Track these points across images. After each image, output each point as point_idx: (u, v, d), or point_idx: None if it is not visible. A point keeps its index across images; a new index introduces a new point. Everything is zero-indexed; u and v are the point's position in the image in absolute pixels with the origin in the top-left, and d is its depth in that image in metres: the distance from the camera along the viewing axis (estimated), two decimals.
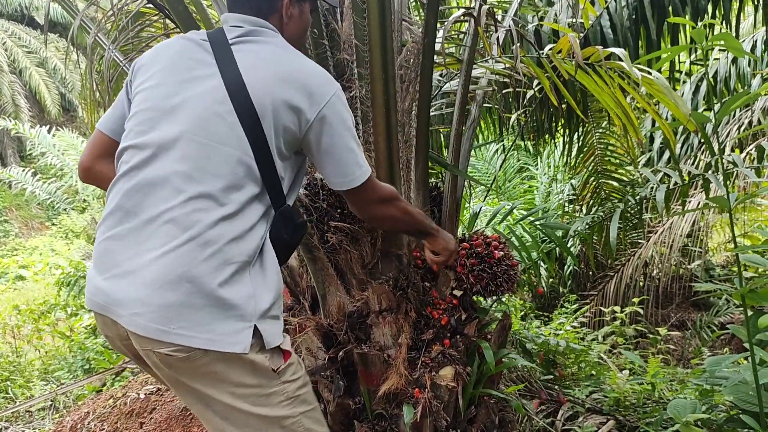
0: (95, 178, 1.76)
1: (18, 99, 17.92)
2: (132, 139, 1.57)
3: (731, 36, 2.12)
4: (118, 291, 1.47)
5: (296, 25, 1.76)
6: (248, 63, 1.57)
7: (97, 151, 1.74)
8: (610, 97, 2.39)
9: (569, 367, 4.02)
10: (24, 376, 5.07)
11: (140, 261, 1.46)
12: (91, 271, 1.56)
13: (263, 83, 1.54)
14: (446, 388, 2.22)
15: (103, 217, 1.57)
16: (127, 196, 1.52)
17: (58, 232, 15.11)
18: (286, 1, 1.70)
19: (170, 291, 1.42)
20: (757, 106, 4.80)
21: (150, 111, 1.58)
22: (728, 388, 2.42)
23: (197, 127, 1.52)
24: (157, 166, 1.52)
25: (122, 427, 2.93)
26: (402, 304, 2.31)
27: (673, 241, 5.40)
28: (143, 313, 1.43)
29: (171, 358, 1.45)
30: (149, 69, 1.64)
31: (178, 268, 1.43)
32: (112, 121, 1.73)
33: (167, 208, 1.47)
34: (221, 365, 1.49)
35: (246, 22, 1.65)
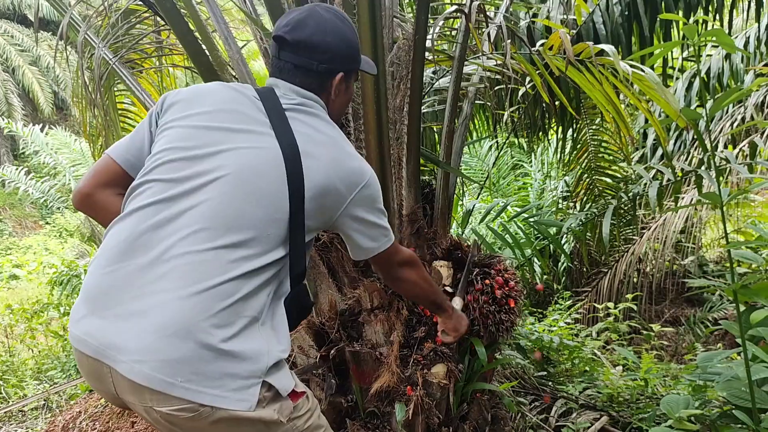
0: (94, 207, 1.62)
1: (11, 97, 17.83)
2: (161, 174, 1.49)
3: (723, 32, 2.11)
4: (119, 333, 1.36)
5: (341, 101, 1.76)
6: (304, 134, 1.55)
7: (103, 178, 1.61)
8: (601, 93, 2.39)
9: (563, 363, 4.03)
10: (17, 376, 5.05)
11: (149, 302, 1.37)
12: (82, 308, 1.44)
13: (317, 162, 1.53)
14: (438, 385, 2.22)
15: (104, 249, 1.47)
16: (143, 230, 1.43)
17: (51, 231, 15.05)
18: (336, 80, 1.68)
19: (180, 340, 1.34)
20: (750, 102, 4.80)
21: (188, 150, 1.50)
22: (721, 384, 2.42)
23: (243, 177, 1.46)
24: (186, 205, 1.44)
25: (114, 426, 2.92)
26: (394, 302, 2.30)
27: (666, 237, 5.41)
28: (147, 361, 1.33)
29: (174, 417, 1.37)
30: (188, 108, 1.58)
31: (192, 317, 1.36)
32: (127, 151, 1.61)
33: (189, 251, 1.40)
34: (226, 424, 1.41)
35: (297, 93, 1.64)
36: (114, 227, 1.50)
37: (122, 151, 1.62)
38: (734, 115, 5.04)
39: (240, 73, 2.53)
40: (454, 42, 2.80)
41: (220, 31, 2.60)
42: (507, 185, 8.34)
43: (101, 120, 3.68)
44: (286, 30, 1.61)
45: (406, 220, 2.45)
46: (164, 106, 1.62)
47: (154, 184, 1.48)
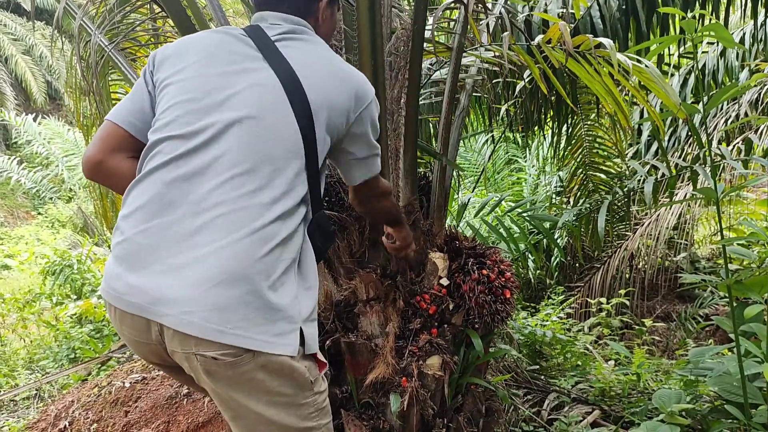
0: (107, 174, 1.60)
1: (3, 87, 17.70)
2: (174, 130, 1.49)
3: (722, 26, 2.11)
4: (164, 288, 1.38)
5: (328, 27, 1.78)
6: (298, 60, 1.55)
7: (111, 144, 1.59)
8: (601, 85, 2.39)
9: (555, 357, 4.04)
10: (9, 366, 5.04)
11: (190, 256, 1.38)
12: (117, 268, 1.44)
13: (318, 82, 1.54)
14: (433, 377, 2.22)
15: (130, 210, 1.47)
16: (169, 187, 1.44)
17: (44, 221, 14.96)
18: (323, 4, 1.71)
19: (227, 289, 1.37)
20: (745, 99, 4.82)
21: (194, 102, 1.50)
22: (713, 379, 2.43)
23: (254, 119, 1.48)
24: (208, 156, 1.45)
25: (107, 415, 2.91)
26: (390, 293, 2.30)
27: (659, 233, 5.43)
28: (197, 311, 1.36)
29: (215, 362, 1.39)
30: (180, 60, 1.57)
31: (236, 264, 1.37)
32: (129, 113, 1.60)
33: (221, 200, 1.41)
34: (263, 372, 1.44)
35: (285, 20, 1.64)
36: (135, 188, 1.50)
37: (125, 114, 1.61)
38: (728, 112, 5.05)
39: None
40: (453, 33, 2.79)
41: (218, 19, 2.59)
42: (501, 180, 8.35)
43: (95, 108, 3.65)
44: None
45: (402, 211, 2.44)
46: (156, 63, 1.61)
47: (169, 141, 1.49)
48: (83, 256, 6.94)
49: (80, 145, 13.83)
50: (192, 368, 1.44)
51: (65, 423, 2.97)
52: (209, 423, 2.64)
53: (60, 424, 2.99)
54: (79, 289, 6.57)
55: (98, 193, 4.58)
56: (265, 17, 1.66)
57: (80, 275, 6.68)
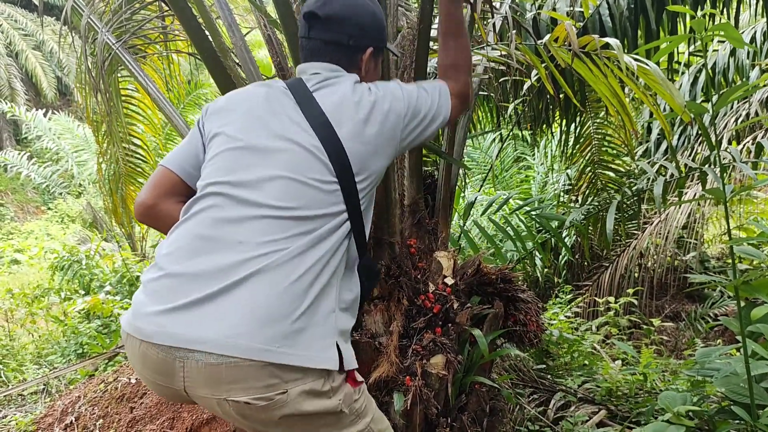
0: (158, 217, 1.68)
1: (14, 82, 17.79)
2: (220, 176, 1.55)
3: (731, 26, 2.10)
4: (204, 317, 1.40)
5: (371, 78, 1.80)
6: (331, 106, 1.61)
7: (164, 189, 1.67)
8: (606, 86, 2.37)
9: (562, 356, 4.03)
10: (17, 360, 5.07)
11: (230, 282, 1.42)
12: (149, 305, 1.46)
13: (351, 131, 1.59)
14: (437, 376, 2.22)
15: (171, 249, 1.51)
16: (214, 227, 1.49)
17: (53, 216, 15.06)
18: (366, 56, 1.74)
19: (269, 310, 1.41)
20: (755, 99, 4.78)
21: (238, 151, 1.57)
22: (720, 380, 2.42)
23: (295, 167, 1.53)
24: (252, 200, 1.50)
25: (113, 411, 2.93)
26: (394, 292, 2.30)
27: (668, 232, 5.40)
28: (243, 333, 1.38)
29: (248, 407, 1.41)
30: (228, 113, 1.66)
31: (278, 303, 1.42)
32: (182, 159, 1.69)
33: (266, 240, 1.46)
34: (296, 418, 1.46)
35: (323, 69, 1.69)
36: (179, 229, 1.55)
37: (179, 161, 1.69)
38: (739, 111, 5.02)
39: (243, 59, 2.52)
40: None
41: (224, 17, 2.59)
42: (509, 178, 8.32)
43: (104, 106, 3.67)
44: (317, 6, 1.68)
45: (407, 210, 2.44)
46: (207, 115, 1.70)
47: (214, 186, 1.56)
48: (92, 252, 6.98)
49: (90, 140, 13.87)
50: (225, 413, 1.46)
51: (72, 418, 2.99)
52: (213, 420, 2.65)
53: (66, 419, 3.01)
54: (87, 285, 6.60)
55: (108, 188, 4.61)
56: (306, 69, 1.72)
57: (89, 271, 6.71)
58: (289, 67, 2.54)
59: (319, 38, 1.70)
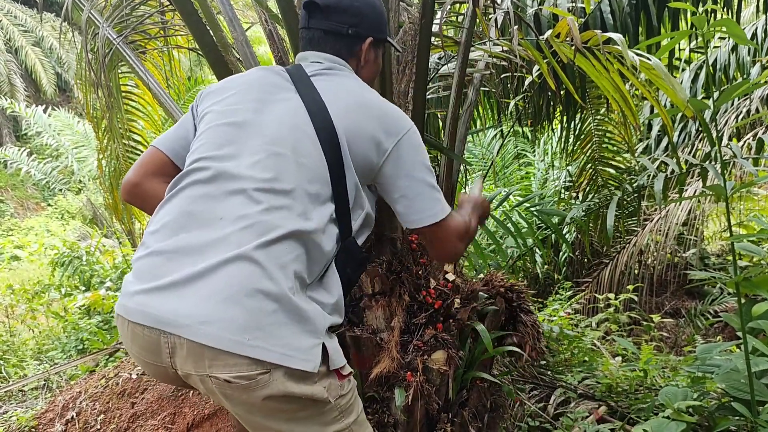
0: (142, 197, 1.67)
1: (13, 78, 17.76)
2: (205, 152, 1.55)
3: (733, 22, 2.09)
4: (181, 299, 1.38)
5: (370, 69, 1.80)
6: (328, 90, 1.60)
7: (151, 168, 1.67)
8: (609, 82, 2.37)
9: (562, 353, 4.03)
10: (17, 356, 5.07)
11: (208, 265, 1.38)
12: (136, 282, 1.45)
13: (345, 109, 1.57)
14: (438, 371, 2.22)
15: (157, 227, 1.49)
16: (195, 203, 1.48)
17: (53, 212, 15.05)
18: (365, 45, 1.73)
19: (246, 300, 1.36)
20: (756, 95, 4.78)
21: (226, 126, 1.57)
22: (720, 376, 2.42)
23: (279, 141, 1.52)
24: (235, 175, 1.49)
25: (114, 406, 2.93)
26: (395, 288, 2.30)
27: (668, 229, 5.40)
28: (214, 322, 1.34)
29: (229, 386, 1.37)
30: (221, 93, 1.66)
31: (253, 277, 1.38)
32: (172, 140, 1.69)
33: (244, 214, 1.43)
34: (278, 399, 1.41)
35: (325, 59, 1.70)
36: (165, 206, 1.53)
37: (168, 141, 1.69)
38: (740, 107, 5.02)
39: (244, 54, 2.52)
40: (461, 27, 2.78)
41: (225, 12, 2.58)
42: (510, 174, 8.32)
43: (104, 101, 3.66)
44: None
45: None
46: (201, 98, 1.71)
47: (200, 161, 1.54)
48: (92, 248, 6.97)
49: (90, 136, 13.87)
50: (209, 390, 1.43)
51: (72, 414, 3.00)
52: (215, 415, 2.66)
53: (67, 414, 3.01)
54: (87, 281, 6.60)
55: (108, 185, 4.61)
56: (307, 57, 1.72)
57: (89, 267, 6.71)
58: (291, 63, 2.54)
59: (319, 27, 1.70)
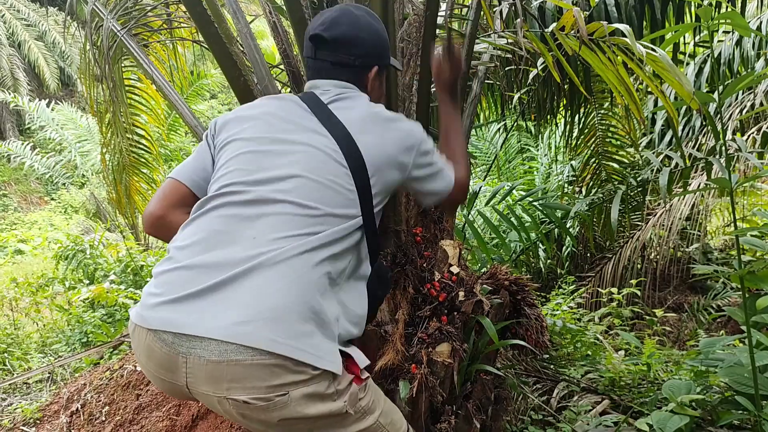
0: (168, 228, 1.67)
1: (16, 72, 17.79)
2: (237, 177, 1.56)
3: (738, 14, 2.09)
4: (211, 305, 1.39)
5: (376, 96, 1.85)
6: (348, 118, 1.65)
7: (173, 200, 1.69)
8: (614, 74, 2.37)
9: (565, 347, 4.03)
10: (22, 349, 5.09)
11: (239, 270, 1.42)
12: (159, 295, 1.46)
13: (371, 141, 1.62)
14: (442, 364, 2.22)
15: (186, 243, 1.51)
16: (229, 222, 1.50)
17: (57, 206, 15.09)
18: (372, 74, 1.78)
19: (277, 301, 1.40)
20: (760, 89, 4.76)
21: (255, 154, 1.59)
22: (724, 370, 2.42)
23: (312, 169, 1.55)
24: (269, 199, 1.51)
25: (119, 398, 2.94)
26: (400, 280, 2.30)
27: (671, 223, 5.39)
28: (249, 321, 1.37)
29: (247, 407, 1.39)
30: (242, 123, 1.68)
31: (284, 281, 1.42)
32: (191, 171, 1.70)
33: (278, 236, 1.46)
34: (295, 420, 1.44)
35: (335, 86, 1.74)
36: (193, 223, 1.56)
37: (188, 172, 1.71)
38: (744, 101, 5.00)
39: (248, 47, 2.51)
40: (466, 19, 2.77)
41: (229, 4, 2.58)
42: (513, 168, 8.32)
43: (108, 95, 3.66)
44: (323, 28, 1.72)
45: (413, 199, 2.44)
46: (217, 128, 1.72)
47: (231, 186, 1.56)
48: (96, 242, 6.99)
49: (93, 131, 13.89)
50: (225, 411, 1.44)
51: (77, 405, 3.01)
52: None
53: (72, 406, 3.02)
54: (91, 274, 6.62)
55: (112, 179, 4.62)
56: (317, 84, 1.76)
57: (93, 260, 6.72)
58: (295, 55, 2.54)
59: (327, 59, 1.74)
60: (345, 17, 1.72)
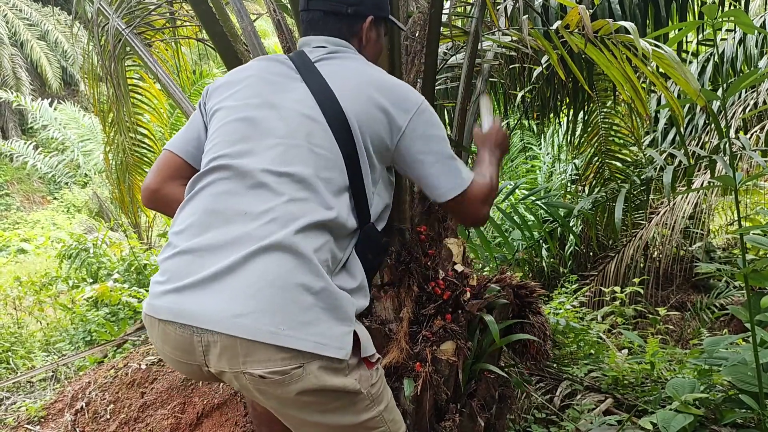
0: (164, 201, 1.67)
1: (19, 72, 17.79)
2: (221, 150, 1.55)
3: (742, 12, 2.09)
4: (214, 294, 1.39)
5: (372, 48, 1.79)
6: (334, 74, 1.61)
7: (168, 172, 1.68)
8: (619, 71, 2.36)
9: (568, 346, 4.03)
10: (25, 347, 5.09)
11: (237, 257, 1.40)
12: (165, 282, 1.46)
13: (353, 94, 1.57)
14: (447, 362, 2.23)
15: (182, 227, 1.50)
16: (219, 200, 1.49)
17: (59, 206, 15.10)
18: (366, 24, 1.73)
19: (279, 289, 1.38)
20: (764, 87, 4.76)
21: (238, 122, 1.58)
22: (727, 368, 2.42)
23: (293, 133, 1.52)
24: (253, 170, 1.49)
25: (123, 396, 2.94)
26: (404, 279, 2.30)
27: (674, 222, 5.39)
28: (249, 314, 1.35)
29: (263, 381, 1.39)
30: (228, 88, 1.66)
31: (283, 269, 1.39)
32: (185, 142, 1.69)
33: (268, 207, 1.44)
34: (312, 393, 1.43)
35: (328, 42, 1.69)
36: (187, 206, 1.54)
37: (181, 143, 1.70)
38: (747, 100, 5.00)
39: (252, 45, 2.52)
40: (470, 17, 2.77)
41: (233, 2, 2.58)
42: (516, 167, 8.31)
43: (113, 93, 3.67)
44: None
45: (417, 197, 2.44)
46: (208, 95, 1.71)
47: (218, 159, 1.54)
48: (99, 241, 6.99)
49: (95, 130, 13.91)
50: (243, 387, 1.45)
51: (82, 404, 3.01)
52: (224, 404, 2.67)
53: (77, 404, 3.03)
54: (95, 273, 6.62)
55: (115, 178, 4.63)
56: (309, 41, 1.72)
57: (96, 259, 6.73)
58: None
59: (319, 8, 1.70)
60: None
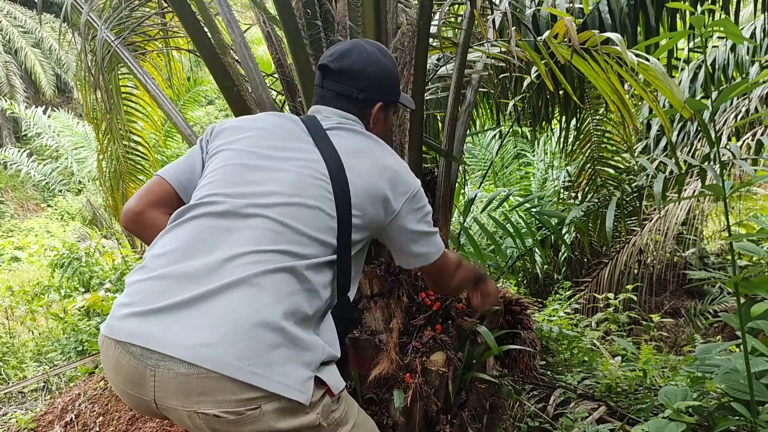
0: (143, 226, 1.66)
1: (13, 79, 17.77)
2: (219, 188, 1.56)
3: (731, 22, 2.10)
4: (182, 321, 1.37)
5: (380, 129, 1.83)
6: (344, 147, 1.64)
7: (155, 198, 1.67)
8: (606, 82, 2.37)
9: (562, 353, 4.03)
10: (17, 357, 5.07)
11: (210, 288, 1.39)
12: (130, 305, 1.44)
13: (358, 166, 1.62)
14: (437, 373, 2.22)
15: (163, 251, 1.49)
16: (206, 233, 1.49)
17: (53, 213, 15.06)
18: (375, 109, 1.78)
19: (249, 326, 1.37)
20: (755, 95, 4.78)
21: (242, 167, 1.59)
22: (720, 376, 2.42)
23: (296, 190, 1.55)
24: (248, 214, 1.50)
25: (113, 409, 2.93)
26: (394, 290, 2.30)
27: (668, 228, 5.40)
28: (216, 344, 1.34)
29: (218, 420, 1.36)
30: (238, 133, 1.68)
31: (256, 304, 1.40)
32: (179, 172, 1.70)
33: (253, 249, 1.45)
34: (272, 421, 1.40)
35: (338, 115, 1.74)
36: (172, 231, 1.54)
37: (175, 172, 1.70)
38: (738, 107, 5.02)
39: (242, 56, 2.52)
40: (459, 28, 2.78)
41: (223, 14, 2.58)
42: (510, 174, 8.33)
43: (105, 103, 3.66)
44: (331, 59, 1.74)
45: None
46: (213, 134, 1.72)
47: (214, 196, 1.55)
48: (92, 249, 6.97)
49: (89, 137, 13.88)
50: (195, 426, 1.42)
51: (72, 416, 3.00)
52: None
53: (67, 416, 3.01)
54: (87, 282, 6.60)
55: (109, 186, 4.61)
56: (320, 110, 1.77)
57: (88, 268, 6.70)
58: (288, 64, 2.54)
59: (331, 89, 1.75)
60: (355, 50, 1.74)
